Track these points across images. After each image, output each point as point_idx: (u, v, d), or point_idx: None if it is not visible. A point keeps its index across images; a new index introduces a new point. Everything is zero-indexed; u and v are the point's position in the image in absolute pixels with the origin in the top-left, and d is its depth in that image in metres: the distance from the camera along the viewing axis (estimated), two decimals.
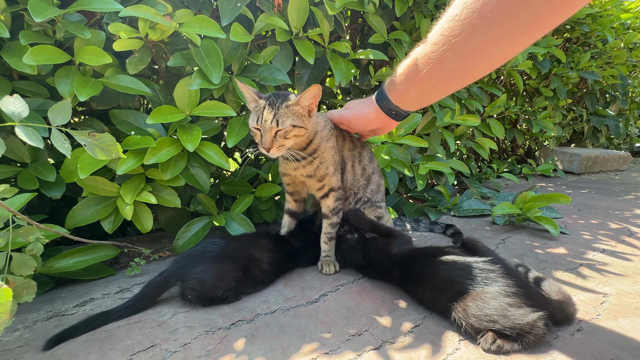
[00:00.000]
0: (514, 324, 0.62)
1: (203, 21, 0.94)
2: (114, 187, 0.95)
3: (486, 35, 0.54)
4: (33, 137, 0.53)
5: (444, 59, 0.61)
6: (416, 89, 0.73)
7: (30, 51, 0.78)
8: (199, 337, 0.67)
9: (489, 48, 0.56)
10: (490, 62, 0.60)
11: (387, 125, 0.90)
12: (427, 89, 0.71)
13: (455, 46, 0.59)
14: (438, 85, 0.68)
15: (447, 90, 0.71)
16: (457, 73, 0.63)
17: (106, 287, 0.88)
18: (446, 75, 0.65)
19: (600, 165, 2.75)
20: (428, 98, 0.77)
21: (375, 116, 0.86)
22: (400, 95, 0.78)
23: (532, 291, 0.67)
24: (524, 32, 0.53)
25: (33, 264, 0.62)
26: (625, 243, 1.20)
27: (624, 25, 2.54)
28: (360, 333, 0.69)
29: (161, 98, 1.07)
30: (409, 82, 0.72)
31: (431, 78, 0.67)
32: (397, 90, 0.78)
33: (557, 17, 0.50)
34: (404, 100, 0.79)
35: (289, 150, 0.87)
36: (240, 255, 0.83)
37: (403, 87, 0.75)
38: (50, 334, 0.66)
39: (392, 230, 0.96)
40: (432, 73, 0.66)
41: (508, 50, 0.57)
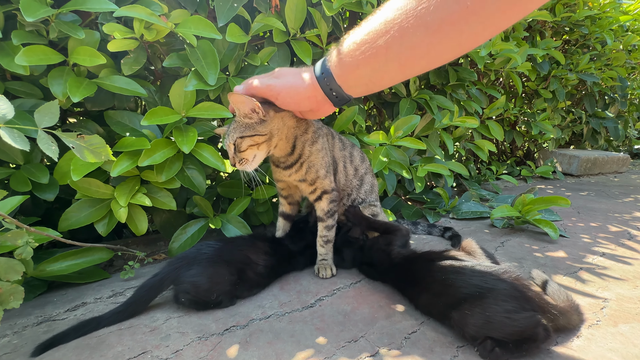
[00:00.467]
0: (512, 330, 0.61)
1: (199, 22, 0.93)
2: (108, 189, 0.94)
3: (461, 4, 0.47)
4: (18, 139, 0.52)
5: (407, 28, 0.51)
6: (367, 64, 0.58)
7: (22, 51, 0.77)
8: (192, 343, 0.66)
9: (460, 22, 0.49)
10: (457, 42, 0.52)
11: (321, 108, 0.73)
12: (380, 67, 0.57)
13: (423, 14, 0.49)
14: (394, 62, 0.56)
15: (401, 72, 0.58)
16: (419, 50, 0.53)
17: (99, 291, 0.86)
18: (405, 51, 0.53)
19: (600, 168, 2.75)
20: (378, 79, 0.61)
21: (310, 93, 0.67)
22: (347, 71, 0.62)
23: (530, 294, 0.66)
24: (500, 9, 0.46)
25: (21, 268, 0.61)
26: (625, 246, 1.19)
27: (622, 27, 2.54)
28: (356, 339, 0.67)
29: (157, 99, 1.06)
30: (360, 54, 0.57)
31: (387, 51, 0.54)
32: (342, 64, 0.61)
33: None
34: (350, 79, 0.63)
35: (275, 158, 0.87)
36: (235, 258, 0.82)
37: (352, 60, 0.59)
38: (39, 340, 0.64)
39: (389, 225, 0.95)
40: (389, 45, 0.53)
41: (478, 30, 0.50)
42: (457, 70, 1.70)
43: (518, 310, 0.62)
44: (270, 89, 0.71)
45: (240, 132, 0.77)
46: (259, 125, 0.76)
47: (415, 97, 1.56)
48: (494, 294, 0.64)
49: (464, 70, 1.69)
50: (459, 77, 1.69)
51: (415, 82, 1.60)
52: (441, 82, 1.71)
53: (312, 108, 0.72)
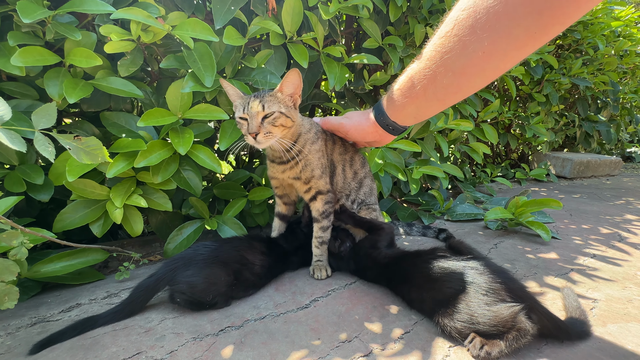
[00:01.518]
0: (496, 321, 0.62)
1: (196, 24, 0.94)
2: (104, 190, 0.94)
3: (477, 52, 0.54)
4: (15, 140, 0.52)
5: (437, 75, 0.62)
6: (412, 104, 0.73)
7: (18, 52, 0.77)
8: (187, 343, 0.66)
9: (481, 64, 0.56)
10: (483, 77, 0.60)
11: (383, 139, 0.92)
12: (422, 104, 0.72)
13: (447, 62, 0.59)
14: (433, 101, 0.68)
15: (442, 105, 0.71)
16: (451, 89, 0.63)
17: (94, 292, 0.86)
18: (440, 90, 0.65)
19: (592, 170, 2.79)
20: (424, 113, 0.77)
21: (372, 130, 0.87)
22: (397, 111, 0.79)
23: (513, 285, 0.67)
24: (514, 48, 0.52)
25: (16, 269, 0.61)
26: (615, 248, 1.21)
27: (614, 33, 2.58)
28: (350, 339, 0.68)
29: (153, 101, 1.06)
30: (404, 97, 0.73)
31: (426, 94, 0.67)
32: (393, 106, 0.78)
33: (548, 33, 0.50)
34: (401, 116, 0.80)
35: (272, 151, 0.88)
36: (232, 258, 0.82)
37: (399, 102, 0.75)
38: (33, 341, 0.64)
39: (374, 224, 0.96)
40: (426, 89, 0.66)
41: (500, 65, 0.57)
42: None
43: (499, 302, 0.63)
44: (342, 126, 0.93)
45: (280, 107, 0.78)
46: (292, 110, 0.81)
47: None
48: (476, 288, 0.65)
49: None
50: None
51: None
52: None
53: (376, 139, 0.92)
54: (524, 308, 0.62)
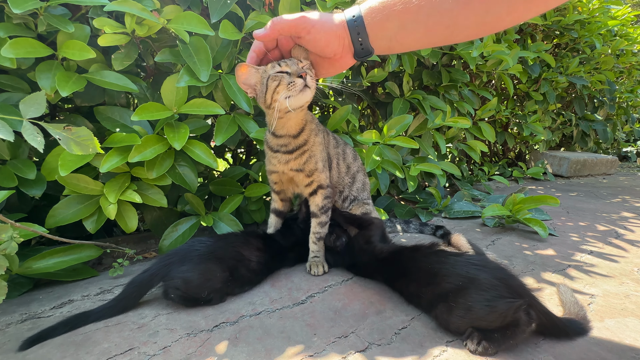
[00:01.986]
0: (495, 317, 0.61)
1: (192, 18, 0.93)
2: (97, 185, 0.92)
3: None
4: (2, 129, 0.51)
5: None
6: (397, 18, 0.61)
7: (9, 43, 0.76)
8: (180, 339, 0.65)
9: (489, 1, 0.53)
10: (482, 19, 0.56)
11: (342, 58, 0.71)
12: (407, 25, 0.61)
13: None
14: (420, 25, 0.60)
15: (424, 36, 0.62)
16: (446, 18, 0.57)
17: (87, 289, 0.85)
18: (434, 14, 0.57)
19: (589, 169, 2.80)
20: (402, 38, 0.64)
21: (340, 32, 0.67)
22: (377, 21, 0.64)
23: (513, 282, 0.67)
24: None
25: (4, 263, 0.59)
26: (612, 245, 1.21)
27: (611, 32, 2.59)
28: (346, 335, 0.67)
29: (148, 95, 1.05)
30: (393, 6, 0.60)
31: (418, 11, 0.58)
32: (376, 12, 0.63)
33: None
34: (378, 30, 0.64)
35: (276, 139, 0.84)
36: (228, 254, 0.81)
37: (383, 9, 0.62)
38: (23, 337, 0.63)
39: (364, 219, 0.96)
40: (421, 6, 0.58)
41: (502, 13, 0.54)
42: (450, 71, 1.71)
43: (498, 298, 0.62)
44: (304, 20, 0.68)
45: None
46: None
47: (408, 97, 1.58)
48: (476, 284, 0.65)
49: (456, 72, 1.71)
50: (451, 78, 1.71)
51: (408, 82, 1.61)
52: (434, 83, 1.73)
53: (336, 53, 0.70)
54: (522, 304, 0.62)
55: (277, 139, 0.85)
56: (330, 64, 0.73)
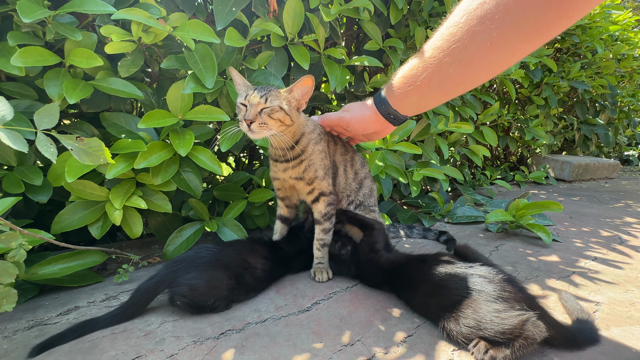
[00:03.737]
0: (504, 328, 0.61)
1: (197, 25, 0.94)
2: (103, 191, 0.93)
3: (485, 43, 0.54)
4: (17, 141, 0.52)
5: (443, 64, 0.62)
6: (414, 93, 0.72)
7: (18, 52, 0.77)
8: (187, 347, 0.65)
9: (488, 55, 0.56)
10: (489, 69, 0.60)
11: (384, 130, 0.90)
12: (425, 94, 0.71)
13: (455, 52, 0.59)
14: (436, 91, 0.68)
15: (445, 96, 0.71)
16: (456, 79, 0.63)
17: (92, 295, 0.85)
18: (445, 81, 0.65)
19: (591, 173, 2.80)
20: (426, 103, 0.76)
21: (373, 119, 0.85)
22: (399, 100, 0.78)
23: (522, 294, 0.67)
24: (522, 41, 0.53)
25: (14, 271, 0.60)
26: (616, 251, 1.21)
27: (612, 37, 2.61)
28: (352, 343, 0.67)
29: (154, 102, 1.06)
30: (408, 86, 0.72)
31: (430, 83, 0.67)
32: (395, 94, 0.77)
33: (555, 27, 0.50)
34: (402, 105, 0.79)
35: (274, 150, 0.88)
36: (234, 262, 0.82)
37: (402, 91, 0.75)
38: (30, 344, 0.63)
39: (366, 221, 0.96)
40: (430, 78, 0.66)
41: (506, 58, 0.57)
42: None
43: (508, 310, 0.63)
44: (342, 119, 0.90)
45: (281, 102, 0.79)
46: (294, 111, 0.83)
47: None
48: (485, 295, 0.65)
49: None
50: None
51: None
52: None
53: (377, 130, 0.89)
54: (532, 317, 0.62)
55: (274, 149, 0.88)
56: (376, 135, 0.94)
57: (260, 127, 0.78)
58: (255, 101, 0.78)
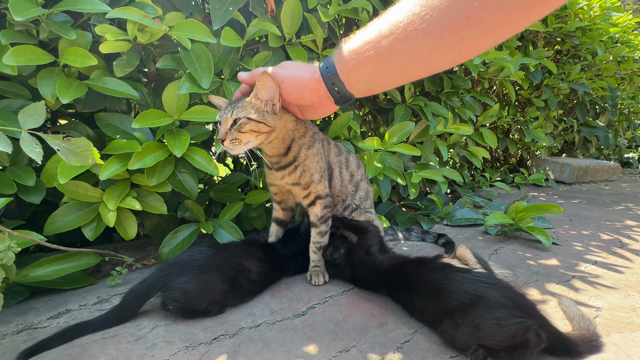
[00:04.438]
0: (504, 337, 0.60)
1: (193, 25, 0.93)
2: (97, 192, 0.92)
3: (463, 13, 0.49)
4: (1, 140, 0.50)
5: (411, 32, 0.53)
6: (370, 63, 0.60)
7: (11, 51, 0.75)
8: (178, 353, 0.64)
9: (462, 30, 0.50)
10: (458, 48, 0.54)
11: (321, 106, 0.73)
12: (382, 67, 0.60)
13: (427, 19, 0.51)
14: (396, 64, 0.58)
15: (402, 73, 0.60)
16: (421, 53, 0.55)
17: (84, 298, 0.84)
18: (408, 52, 0.55)
19: (591, 176, 2.78)
20: (380, 80, 0.63)
21: (313, 86, 0.68)
22: (350, 69, 0.64)
23: (523, 302, 0.66)
24: (500, 20, 0.48)
25: (1, 274, 0.58)
26: (616, 255, 1.20)
27: (612, 39, 2.60)
28: (347, 349, 0.66)
29: (149, 102, 1.04)
30: (364, 53, 0.59)
31: (390, 52, 0.56)
32: (347, 61, 0.63)
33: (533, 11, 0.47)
34: (352, 76, 0.65)
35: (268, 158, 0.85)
36: (228, 265, 0.80)
37: (355, 58, 0.61)
38: (18, 349, 0.62)
39: (360, 225, 0.95)
40: (392, 47, 0.56)
41: (478, 38, 0.52)
42: (452, 77, 1.71)
43: (508, 317, 0.61)
44: (275, 75, 0.72)
45: (248, 113, 0.73)
46: (268, 115, 0.75)
47: (410, 104, 1.57)
48: (485, 302, 0.63)
49: (458, 78, 1.71)
50: (453, 84, 1.71)
51: (410, 88, 1.61)
52: (436, 90, 1.72)
53: (314, 102, 0.71)
54: (533, 325, 0.60)
55: (268, 157, 0.86)
56: (312, 110, 0.76)
57: (232, 143, 0.74)
58: (224, 117, 0.75)
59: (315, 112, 0.76)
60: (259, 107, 0.74)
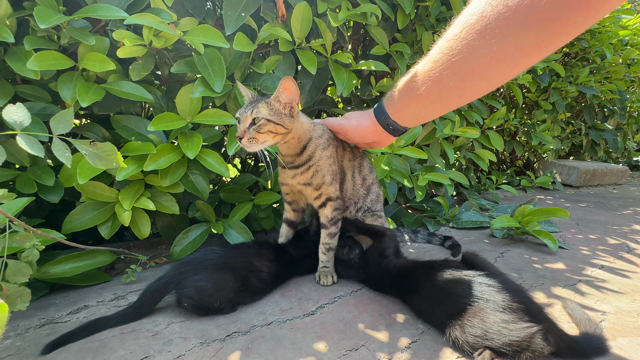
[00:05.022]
0: (511, 340, 0.61)
1: (207, 30, 0.95)
2: (113, 192, 0.95)
3: (485, 57, 0.54)
4: (34, 146, 0.53)
5: (443, 77, 0.61)
6: (414, 105, 0.73)
7: (34, 56, 0.79)
8: (194, 348, 0.66)
9: (487, 69, 0.56)
10: (489, 82, 0.60)
11: (383, 140, 0.90)
12: (424, 106, 0.71)
13: (454, 65, 0.59)
14: (436, 103, 0.68)
15: (444, 108, 0.71)
16: (455, 92, 0.63)
17: (101, 294, 0.87)
18: (444, 93, 0.64)
19: (599, 179, 2.76)
20: (426, 115, 0.77)
21: (372, 129, 0.85)
22: (398, 111, 0.79)
23: (532, 306, 0.67)
24: (522, 56, 0.53)
25: (28, 271, 0.61)
26: (623, 259, 1.20)
27: (622, 41, 2.57)
28: (357, 348, 0.68)
29: (163, 104, 1.07)
30: (408, 98, 0.73)
31: (429, 95, 0.67)
32: (395, 105, 0.78)
33: (555, 42, 0.50)
34: (402, 116, 0.80)
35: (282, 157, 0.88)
36: (240, 264, 0.83)
37: (401, 103, 0.75)
38: (42, 342, 0.65)
39: (376, 229, 0.96)
40: (430, 90, 0.66)
41: (506, 72, 0.57)
42: None
43: (516, 321, 0.62)
44: (341, 127, 0.91)
45: (269, 114, 0.78)
46: (286, 118, 0.80)
47: None
48: (493, 305, 0.65)
49: None
50: None
51: None
52: None
53: (376, 140, 0.90)
54: (541, 329, 0.62)
55: (283, 156, 0.89)
56: (376, 144, 0.95)
57: (250, 142, 0.78)
58: (244, 115, 0.79)
59: (379, 145, 0.95)
60: (278, 109, 0.79)
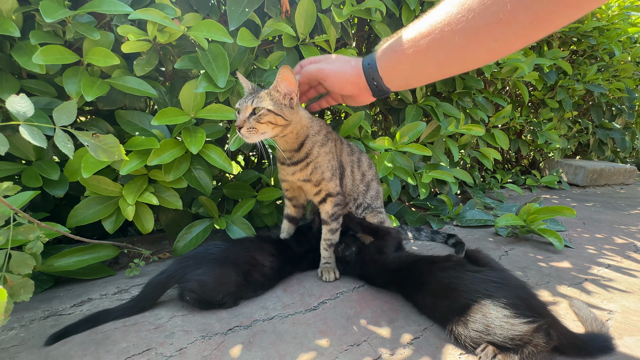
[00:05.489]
0: (514, 334, 0.60)
1: (211, 25, 0.95)
2: (117, 187, 0.95)
3: (496, 15, 0.52)
4: (37, 136, 0.54)
5: (448, 32, 0.57)
6: (408, 61, 0.66)
7: (39, 51, 0.79)
8: (195, 342, 0.66)
9: (494, 31, 0.54)
10: (491, 48, 0.58)
11: (360, 97, 0.81)
12: (419, 64, 0.65)
13: (463, 21, 0.55)
14: (431, 62, 0.63)
15: (438, 70, 0.66)
16: (456, 51, 0.59)
17: (104, 288, 0.87)
18: (444, 51, 0.60)
19: (606, 179, 2.73)
20: (416, 76, 0.70)
21: (354, 80, 0.77)
22: (390, 65, 0.71)
23: (534, 302, 0.66)
24: (530, 23, 0.52)
25: (32, 262, 0.62)
26: (630, 259, 1.18)
27: (631, 39, 2.54)
28: (359, 343, 0.68)
29: (167, 100, 1.08)
30: (403, 50, 0.65)
31: (427, 51, 0.62)
32: (388, 58, 0.70)
33: (564, 15, 0.50)
34: (391, 72, 0.72)
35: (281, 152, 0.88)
36: (242, 259, 0.83)
37: (395, 55, 0.68)
38: (46, 334, 0.65)
39: (380, 229, 0.95)
40: (430, 46, 0.61)
41: (510, 39, 0.55)
42: (464, 78, 1.70)
43: (518, 316, 0.62)
44: (321, 71, 0.81)
45: (269, 104, 0.77)
46: (286, 108, 0.79)
47: (421, 104, 1.57)
48: (495, 301, 0.64)
49: (470, 78, 1.70)
50: (465, 85, 1.70)
51: (421, 89, 1.60)
52: (448, 90, 1.72)
53: (353, 94, 0.80)
54: (543, 325, 0.61)
55: (281, 152, 0.88)
56: (351, 99, 0.85)
57: (249, 131, 0.77)
58: (244, 105, 0.78)
59: (354, 100, 0.84)
60: (277, 99, 0.78)
